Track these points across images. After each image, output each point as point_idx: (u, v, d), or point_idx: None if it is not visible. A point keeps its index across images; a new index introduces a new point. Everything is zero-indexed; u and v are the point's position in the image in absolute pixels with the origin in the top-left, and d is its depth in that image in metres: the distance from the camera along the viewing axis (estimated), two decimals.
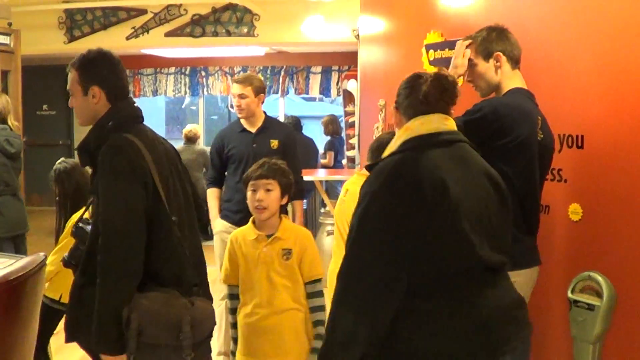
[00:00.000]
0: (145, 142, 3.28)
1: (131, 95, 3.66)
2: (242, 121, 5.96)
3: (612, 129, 3.61)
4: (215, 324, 3.36)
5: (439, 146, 2.82)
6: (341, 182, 11.80)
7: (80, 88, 3.41)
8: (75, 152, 3.51)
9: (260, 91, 5.91)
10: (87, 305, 3.16)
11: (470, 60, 3.83)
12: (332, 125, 12.24)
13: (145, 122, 3.53)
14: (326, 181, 11.05)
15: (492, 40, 3.82)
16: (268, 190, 4.07)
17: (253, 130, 5.90)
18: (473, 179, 2.82)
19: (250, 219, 4.18)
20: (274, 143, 5.83)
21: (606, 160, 3.65)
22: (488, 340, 2.67)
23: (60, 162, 5.16)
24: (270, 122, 6.08)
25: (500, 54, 3.77)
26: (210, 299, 3.51)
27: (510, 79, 3.77)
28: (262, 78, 13.13)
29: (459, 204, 2.67)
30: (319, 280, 4.11)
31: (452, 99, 2.94)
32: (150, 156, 3.24)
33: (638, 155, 3.45)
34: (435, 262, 2.66)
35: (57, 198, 5.05)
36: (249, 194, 4.11)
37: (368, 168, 2.95)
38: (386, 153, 2.93)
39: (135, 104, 3.53)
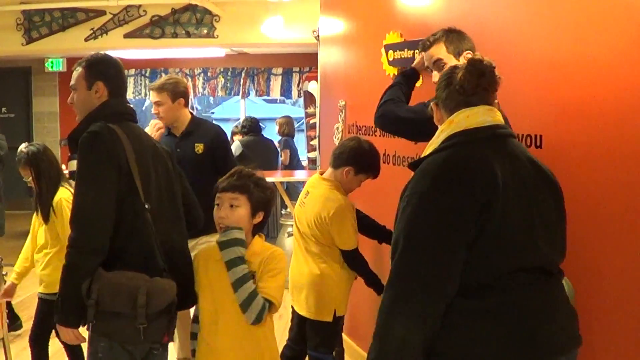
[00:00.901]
0: (127, 134, 3.48)
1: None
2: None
3: (570, 129, 3.62)
4: (173, 299, 3.39)
5: (487, 141, 2.71)
6: (302, 184, 11.82)
7: (85, 83, 3.62)
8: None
9: (178, 95, 5.52)
10: None
11: (439, 60, 3.79)
12: (287, 127, 12.27)
13: None
14: (287, 182, 11.03)
15: (459, 39, 3.86)
16: (233, 206, 3.55)
17: (177, 134, 5.66)
18: (525, 176, 2.69)
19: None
20: (199, 147, 5.59)
21: (564, 159, 3.65)
22: (533, 350, 2.58)
23: (27, 146, 5.30)
24: (196, 125, 5.68)
25: (470, 52, 3.76)
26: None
27: None
28: (223, 79, 13.20)
29: (513, 202, 2.58)
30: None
31: (491, 85, 2.81)
32: (130, 146, 3.43)
33: (595, 155, 3.46)
34: (489, 263, 2.57)
35: (34, 180, 5.17)
36: (215, 208, 3.61)
37: (411, 166, 2.81)
38: (428, 150, 2.81)
39: (129, 104, 3.77)
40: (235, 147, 11.56)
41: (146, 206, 3.41)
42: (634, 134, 3.26)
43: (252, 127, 11.77)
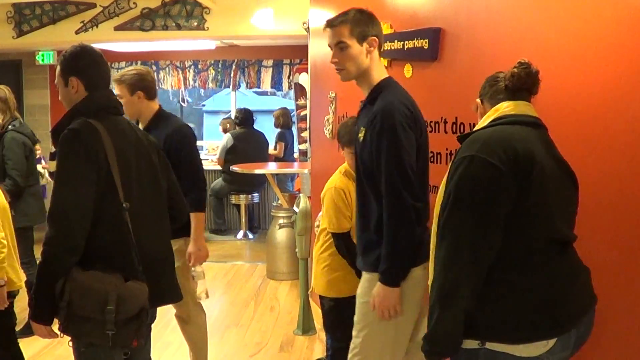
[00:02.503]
0: (109, 130, 3.44)
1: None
2: None
3: (561, 117, 3.59)
4: (144, 305, 3.37)
5: (529, 125, 3.00)
6: (291, 176, 11.84)
7: (62, 80, 3.61)
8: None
9: (136, 88, 5.10)
10: None
11: (341, 42, 3.77)
12: (283, 118, 12.29)
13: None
14: (277, 175, 11.05)
15: (367, 22, 3.85)
16: None
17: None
18: (553, 160, 2.96)
19: None
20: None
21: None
22: (566, 311, 2.83)
23: None
24: (157, 121, 5.23)
25: (376, 38, 3.80)
26: (171, 292, 3.82)
27: (379, 66, 3.89)
28: (214, 72, 13.18)
29: (547, 181, 2.83)
30: None
31: (534, 87, 3.13)
32: (111, 143, 3.40)
33: (585, 142, 3.47)
34: (521, 231, 2.81)
35: None
36: None
37: (459, 139, 3.06)
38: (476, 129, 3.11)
39: (112, 96, 3.72)
40: (227, 139, 11.58)
41: (124, 205, 3.40)
42: (622, 121, 3.27)
43: (244, 119, 11.77)
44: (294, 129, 12.22)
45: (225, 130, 12.41)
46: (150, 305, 3.44)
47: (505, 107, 3.04)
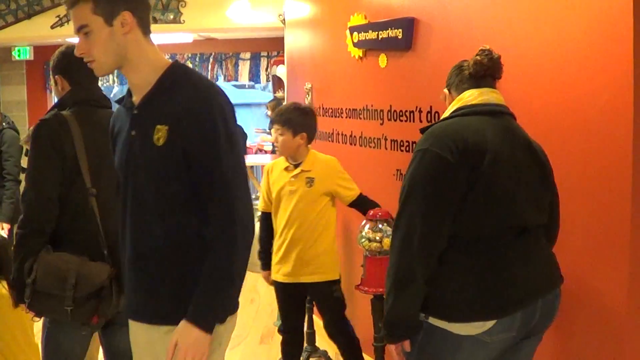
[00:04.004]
0: (82, 121, 3.58)
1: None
2: None
3: (533, 109, 3.65)
4: (104, 283, 3.48)
5: (485, 114, 3.05)
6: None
7: (52, 80, 3.82)
8: None
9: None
10: None
11: (84, 26, 2.76)
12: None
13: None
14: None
15: None
16: None
17: None
18: (515, 148, 3.02)
19: None
20: None
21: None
22: (508, 296, 2.89)
23: None
24: None
25: (129, 13, 2.75)
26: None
27: (151, 49, 2.84)
28: (191, 65, 13.16)
29: (502, 168, 2.92)
30: None
31: (497, 72, 3.19)
32: (80, 133, 3.54)
33: (559, 134, 3.50)
34: (477, 218, 2.92)
35: None
36: None
37: (421, 131, 3.12)
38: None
39: (97, 91, 3.82)
40: None
41: (91, 191, 3.52)
42: (596, 114, 3.31)
43: None
44: None
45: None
46: (116, 286, 3.52)
47: (468, 97, 3.12)
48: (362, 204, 4.89)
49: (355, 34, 5.43)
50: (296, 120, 4.84)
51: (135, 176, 2.81)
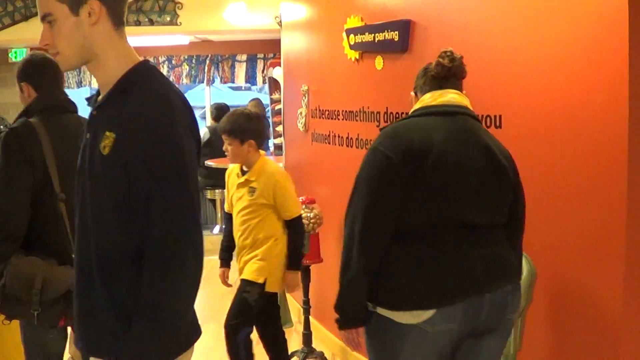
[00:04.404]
0: (49, 127, 3.69)
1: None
2: None
3: (529, 109, 3.68)
4: (70, 287, 3.36)
5: (441, 115, 3.16)
6: None
7: (18, 87, 3.95)
8: None
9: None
10: None
11: (48, 15, 2.48)
12: (256, 109, 12.35)
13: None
14: None
15: None
16: None
17: None
18: (468, 148, 3.10)
19: None
20: None
21: (524, 139, 3.71)
22: (444, 288, 3.01)
23: None
24: None
25: (98, 2, 2.48)
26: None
27: (119, 44, 2.59)
28: (188, 67, 13.17)
29: (444, 164, 3.02)
30: None
31: (460, 73, 3.27)
32: (48, 139, 3.64)
33: (555, 134, 3.52)
34: (420, 213, 3.04)
35: None
36: None
37: (381, 130, 3.25)
38: None
39: (62, 96, 3.92)
40: (204, 132, 11.58)
41: (60, 196, 3.62)
42: (589, 115, 3.32)
43: (220, 114, 11.78)
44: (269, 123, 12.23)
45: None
46: None
47: (428, 98, 3.23)
48: (291, 229, 4.96)
49: (351, 36, 5.45)
50: (242, 128, 4.86)
51: (84, 183, 2.53)
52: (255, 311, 4.99)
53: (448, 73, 3.23)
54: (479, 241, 3.10)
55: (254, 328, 5.18)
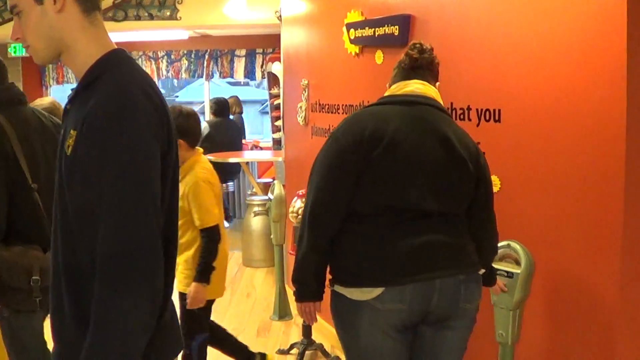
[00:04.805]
0: (12, 120, 3.75)
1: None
2: None
3: (528, 103, 3.70)
4: None
5: (398, 104, 3.29)
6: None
7: None
8: None
9: None
10: None
11: (14, 6, 2.31)
12: (235, 106, 12.49)
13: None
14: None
15: None
16: None
17: None
18: (425, 137, 3.20)
19: None
20: None
21: (523, 133, 3.74)
22: (392, 269, 3.13)
23: None
24: None
25: None
26: None
27: (92, 32, 2.33)
28: (187, 62, 13.19)
29: (396, 152, 3.14)
30: None
31: (430, 64, 3.40)
32: (14, 132, 3.71)
33: (553, 128, 3.55)
34: (371, 197, 3.17)
35: None
36: None
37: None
38: None
39: (15, 88, 3.97)
40: (203, 127, 11.60)
41: (32, 186, 3.71)
42: (588, 109, 3.35)
43: (220, 108, 11.81)
44: (268, 119, 12.27)
45: (231, 111, 12.44)
46: None
47: (394, 88, 3.39)
48: (203, 239, 4.57)
49: (351, 30, 5.47)
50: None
51: (55, 184, 2.32)
52: (205, 316, 4.83)
53: (415, 64, 3.37)
54: (429, 228, 3.19)
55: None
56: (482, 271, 3.35)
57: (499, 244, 3.56)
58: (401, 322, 3.19)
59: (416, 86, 3.32)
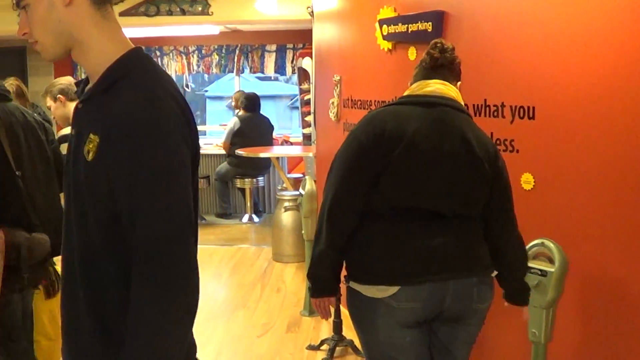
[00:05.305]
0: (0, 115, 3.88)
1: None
2: None
3: (562, 100, 3.68)
4: (48, 251, 3.84)
5: (419, 104, 3.29)
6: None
7: None
8: None
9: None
10: None
11: (18, 1, 2.20)
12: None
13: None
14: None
15: None
16: None
17: None
18: (443, 140, 3.21)
19: None
20: None
21: (557, 130, 3.73)
22: (408, 268, 3.18)
23: None
24: None
25: None
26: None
27: (99, 30, 2.20)
28: (217, 57, 13.22)
29: (414, 153, 3.16)
30: None
31: (450, 64, 3.38)
32: (2, 127, 3.81)
33: (587, 125, 3.53)
34: (389, 197, 3.20)
35: None
36: None
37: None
38: None
39: (1, 86, 4.09)
40: (234, 122, 11.64)
41: (17, 173, 3.81)
42: (623, 106, 3.33)
43: (251, 103, 11.83)
44: (297, 114, 12.26)
45: (236, 106, 12.45)
46: (52, 254, 3.91)
47: (414, 87, 3.39)
48: None
49: (384, 26, 5.47)
50: None
51: (69, 186, 2.25)
52: None
53: (436, 64, 3.37)
54: (445, 230, 3.23)
55: None
56: (495, 273, 3.39)
57: (533, 242, 3.55)
58: (415, 320, 3.25)
59: (437, 86, 3.33)
